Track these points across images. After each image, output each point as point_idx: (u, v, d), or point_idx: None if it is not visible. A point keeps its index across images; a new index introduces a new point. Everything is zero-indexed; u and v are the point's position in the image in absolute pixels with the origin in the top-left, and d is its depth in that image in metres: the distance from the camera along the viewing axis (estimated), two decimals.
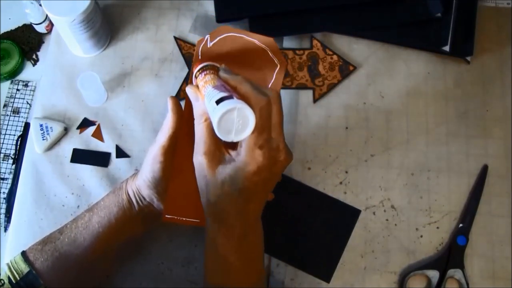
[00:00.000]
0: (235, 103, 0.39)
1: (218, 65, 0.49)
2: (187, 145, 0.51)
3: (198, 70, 0.49)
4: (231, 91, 0.43)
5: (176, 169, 0.53)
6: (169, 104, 0.50)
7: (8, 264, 0.52)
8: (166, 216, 0.54)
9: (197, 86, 0.47)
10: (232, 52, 0.51)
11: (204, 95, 0.45)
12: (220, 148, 0.45)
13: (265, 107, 0.42)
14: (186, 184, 0.54)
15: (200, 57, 0.51)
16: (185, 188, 0.54)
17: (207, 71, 0.48)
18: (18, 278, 0.51)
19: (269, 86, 0.51)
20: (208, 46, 0.50)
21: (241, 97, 0.42)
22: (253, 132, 0.41)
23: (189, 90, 0.47)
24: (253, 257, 0.49)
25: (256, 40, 0.50)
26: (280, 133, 0.44)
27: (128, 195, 0.54)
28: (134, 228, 0.55)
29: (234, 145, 0.45)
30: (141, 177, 0.53)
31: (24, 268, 0.51)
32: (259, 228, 0.49)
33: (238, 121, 0.39)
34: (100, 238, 0.53)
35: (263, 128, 0.43)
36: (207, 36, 0.50)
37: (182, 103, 0.52)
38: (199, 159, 0.44)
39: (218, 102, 0.40)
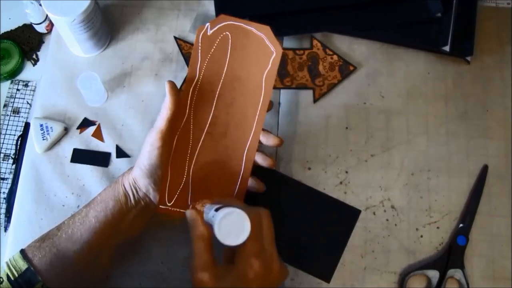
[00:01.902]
0: (233, 208, 0.44)
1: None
2: (184, 138, 0.52)
3: (196, 203, 0.54)
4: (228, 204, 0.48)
5: (173, 159, 0.54)
6: (167, 86, 0.52)
7: (7, 262, 0.52)
8: (160, 207, 0.54)
9: (196, 210, 0.51)
10: (231, 40, 0.54)
11: (204, 212, 0.49)
12: (217, 264, 0.47)
13: (256, 218, 0.47)
14: (182, 174, 0.55)
15: (200, 44, 0.52)
16: (181, 178, 0.55)
17: (203, 200, 0.53)
18: (17, 275, 0.51)
19: (265, 73, 0.54)
20: (208, 33, 0.53)
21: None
22: (248, 240, 0.44)
23: (188, 212, 0.50)
24: None
25: (253, 28, 0.53)
26: (272, 243, 0.49)
27: (124, 187, 0.54)
28: (131, 223, 0.55)
29: (229, 259, 0.48)
30: (137, 166, 0.53)
31: (22, 265, 0.51)
32: None
33: (234, 227, 0.43)
34: (97, 233, 0.52)
35: (256, 237, 0.47)
36: (208, 24, 0.53)
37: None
38: (199, 276, 0.46)
39: (217, 209, 0.45)
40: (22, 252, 0.52)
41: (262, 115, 0.55)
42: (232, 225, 0.43)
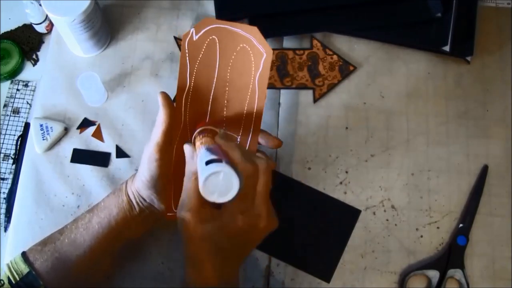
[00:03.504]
0: (222, 167, 0.41)
1: (218, 130, 0.51)
2: (183, 142, 0.51)
3: (198, 131, 0.51)
4: (223, 156, 0.45)
5: (175, 166, 0.53)
6: (159, 99, 0.51)
7: (8, 265, 0.52)
8: (168, 214, 0.54)
9: (195, 145, 0.50)
10: (219, 44, 0.52)
11: (198, 154, 0.47)
12: (205, 207, 0.46)
13: (251, 175, 0.45)
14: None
15: (187, 51, 0.51)
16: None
17: (206, 133, 0.51)
18: (18, 279, 0.51)
19: (258, 74, 0.53)
20: (194, 39, 0.51)
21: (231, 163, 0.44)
22: (237, 198, 0.42)
23: (186, 147, 0.49)
24: None
25: (240, 30, 0.51)
26: (265, 201, 0.46)
27: (128, 196, 0.54)
28: (135, 230, 0.55)
29: (219, 205, 0.46)
30: (139, 178, 0.53)
31: (24, 268, 0.51)
32: (235, 283, 0.50)
33: (222, 184, 0.41)
34: (100, 239, 0.53)
35: (246, 195, 0.45)
36: (192, 29, 0.51)
37: None
38: (183, 214, 0.45)
39: (207, 163, 0.42)
40: (24, 255, 0.52)
41: (258, 117, 0.54)
42: (219, 184, 0.41)
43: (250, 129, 0.54)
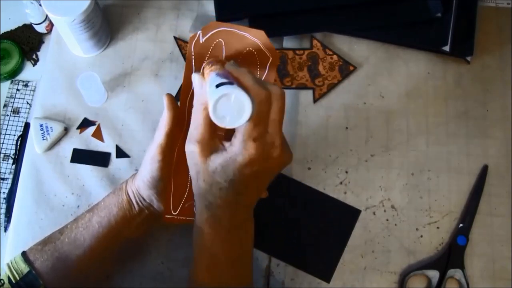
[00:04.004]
0: (233, 89, 0.39)
1: (227, 62, 0.49)
2: (184, 148, 0.51)
3: (207, 62, 0.49)
4: (234, 81, 0.42)
5: (175, 169, 0.53)
6: (165, 101, 0.51)
7: (8, 264, 0.52)
8: (166, 216, 0.54)
9: (203, 74, 0.47)
10: (225, 47, 0.51)
11: (207, 81, 0.44)
12: (214, 138, 0.44)
13: (264, 100, 0.42)
14: (185, 183, 0.54)
15: (193, 53, 0.51)
16: (184, 187, 0.54)
17: (214, 62, 0.48)
18: (18, 278, 0.51)
19: (263, 78, 0.52)
20: (201, 41, 0.51)
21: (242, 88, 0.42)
22: (248, 123, 0.40)
23: (195, 76, 0.46)
24: (240, 254, 0.49)
25: (247, 34, 0.50)
26: (278, 130, 0.44)
27: (128, 195, 0.54)
28: (134, 229, 0.55)
29: (229, 137, 0.44)
30: (140, 177, 0.53)
31: (24, 268, 0.51)
32: (249, 226, 0.48)
33: (234, 108, 0.39)
34: (100, 239, 0.53)
35: (259, 121, 0.42)
36: (199, 32, 0.50)
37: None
38: (191, 147, 0.44)
39: (217, 86, 0.40)
40: (24, 254, 0.52)
41: None
42: (230, 107, 0.38)
43: None
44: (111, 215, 0.53)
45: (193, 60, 0.51)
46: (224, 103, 0.39)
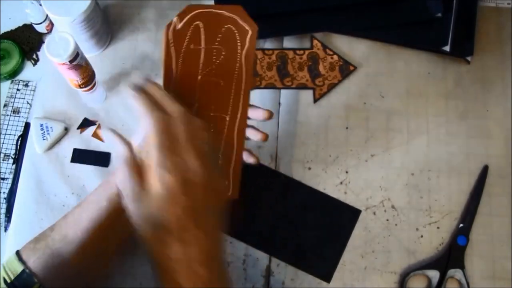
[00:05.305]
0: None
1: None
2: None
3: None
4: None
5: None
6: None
7: (3, 264, 0.52)
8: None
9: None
10: (203, 28, 0.52)
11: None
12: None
13: (166, 125, 0.43)
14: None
15: (172, 41, 0.51)
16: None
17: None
18: (13, 278, 0.50)
19: (244, 52, 0.53)
20: (178, 28, 0.51)
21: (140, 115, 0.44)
22: (157, 152, 0.41)
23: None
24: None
25: (224, 11, 0.51)
26: (189, 150, 0.43)
27: (118, 186, 0.53)
28: (128, 222, 0.54)
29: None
30: None
31: (18, 267, 0.50)
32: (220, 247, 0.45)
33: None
34: (91, 234, 0.51)
35: (165, 147, 0.42)
36: (175, 19, 0.51)
37: None
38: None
39: None
40: (18, 253, 0.52)
41: (246, 94, 0.54)
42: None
43: (239, 106, 0.54)
44: (101, 209, 0.52)
45: (172, 48, 0.52)
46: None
